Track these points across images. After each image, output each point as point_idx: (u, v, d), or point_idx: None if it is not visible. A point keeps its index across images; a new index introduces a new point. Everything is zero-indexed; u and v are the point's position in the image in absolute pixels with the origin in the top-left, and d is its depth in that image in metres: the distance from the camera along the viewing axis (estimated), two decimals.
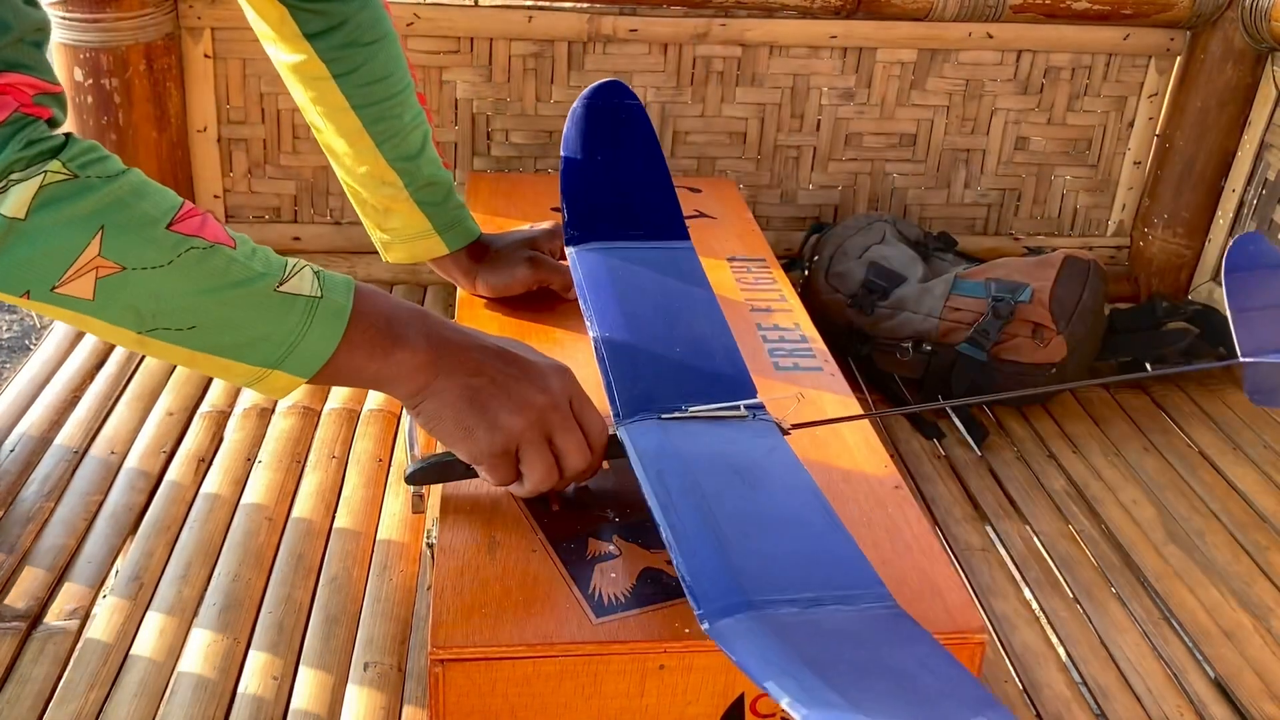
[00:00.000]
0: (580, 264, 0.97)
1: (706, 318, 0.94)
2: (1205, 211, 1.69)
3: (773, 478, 0.79)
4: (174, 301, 0.66)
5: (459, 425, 0.76)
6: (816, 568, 0.70)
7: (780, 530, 0.74)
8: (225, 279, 0.67)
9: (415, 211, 1.06)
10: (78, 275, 0.63)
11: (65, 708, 0.87)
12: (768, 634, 0.63)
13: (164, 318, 0.66)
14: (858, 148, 1.67)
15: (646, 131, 1.02)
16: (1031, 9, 1.56)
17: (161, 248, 0.65)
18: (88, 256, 0.63)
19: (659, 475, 0.75)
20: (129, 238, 0.64)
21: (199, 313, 0.67)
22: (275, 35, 1.01)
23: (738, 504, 0.75)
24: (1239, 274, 1.02)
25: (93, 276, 0.63)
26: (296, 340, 0.70)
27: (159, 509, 1.10)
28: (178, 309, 0.66)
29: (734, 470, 0.78)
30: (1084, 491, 1.25)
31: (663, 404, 0.83)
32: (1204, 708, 0.95)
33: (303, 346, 0.70)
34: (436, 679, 0.67)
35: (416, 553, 1.06)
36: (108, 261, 0.63)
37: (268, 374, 0.71)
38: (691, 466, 0.77)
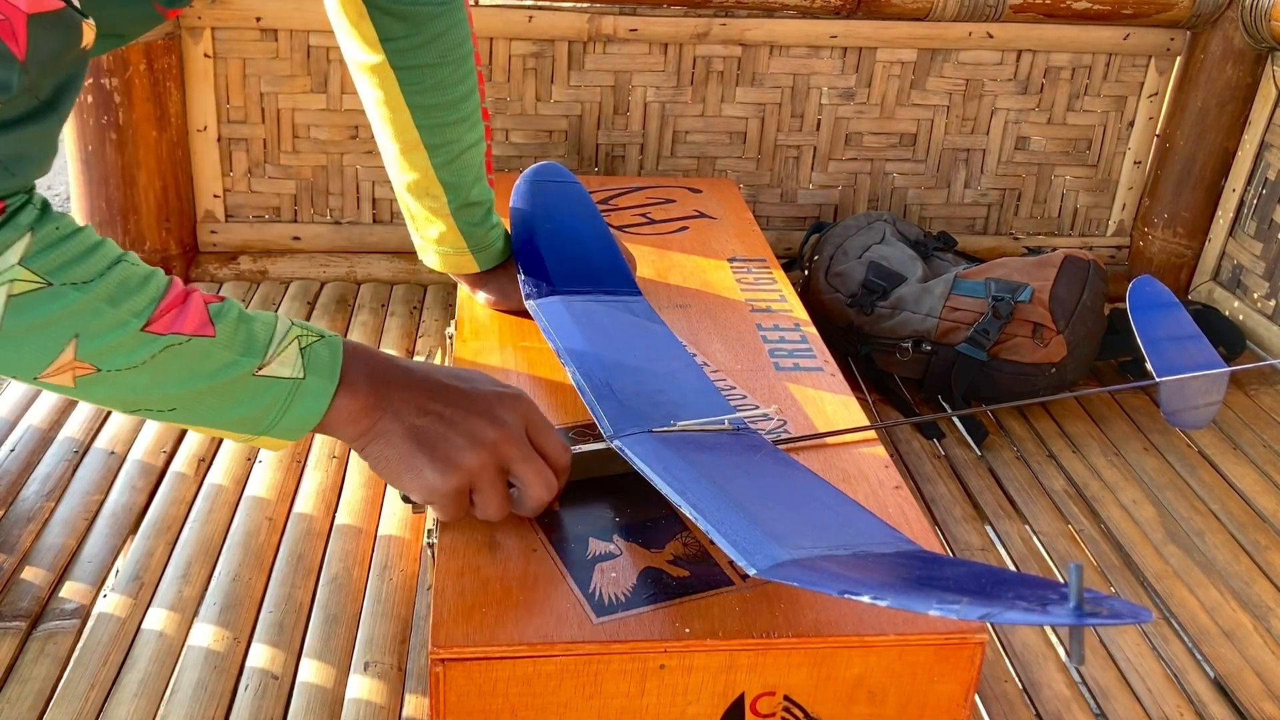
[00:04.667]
0: (543, 312, 1.01)
1: (671, 350, 0.98)
2: (1205, 211, 1.69)
3: (776, 469, 0.80)
4: (151, 393, 0.68)
5: (407, 468, 0.74)
6: (843, 530, 0.72)
7: (798, 505, 0.75)
8: (200, 371, 0.68)
9: (454, 228, 1.06)
10: (57, 373, 0.65)
11: (65, 708, 0.87)
12: (820, 568, 0.64)
13: (145, 404, 0.68)
14: (858, 147, 1.67)
15: (586, 202, 1.11)
16: (1031, 9, 1.56)
17: (136, 351, 0.66)
18: (63, 360, 0.64)
19: (666, 469, 0.76)
20: (102, 344, 0.65)
21: (177, 400, 0.69)
22: (354, 31, 1.00)
23: (750, 487, 0.75)
24: (1143, 312, 1.15)
25: (71, 374, 0.65)
26: (277, 418, 0.72)
27: (159, 509, 1.10)
28: (156, 399, 0.68)
29: (737, 466, 0.79)
30: (1084, 491, 1.25)
31: (652, 422, 0.84)
32: (1204, 708, 0.95)
33: (285, 421, 0.72)
34: (437, 679, 0.68)
35: (417, 553, 1.06)
36: (83, 364, 0.65)
37: (256, 438, 0.73)
38: (696, 462, 0.78)
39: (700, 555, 0.76)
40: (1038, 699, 0.95)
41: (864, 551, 0.69)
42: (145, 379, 0.67)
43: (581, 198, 1.11)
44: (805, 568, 0.64)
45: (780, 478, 0.79)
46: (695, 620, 0.70)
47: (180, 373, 0.68)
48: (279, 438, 0.73)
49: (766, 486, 0.77)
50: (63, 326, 0.63)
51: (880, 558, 0.69)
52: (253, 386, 0.70)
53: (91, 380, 0.66)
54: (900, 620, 0.71)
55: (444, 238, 1.07)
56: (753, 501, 0.74)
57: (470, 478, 0.75)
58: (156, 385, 0.67)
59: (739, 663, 0.69)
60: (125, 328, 0.65)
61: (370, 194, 1.62)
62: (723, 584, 0.73)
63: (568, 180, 1.12)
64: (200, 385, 0.68)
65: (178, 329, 0.67)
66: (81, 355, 0.64)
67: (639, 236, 1.27)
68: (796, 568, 0.65)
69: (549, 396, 0.93)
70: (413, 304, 1.55)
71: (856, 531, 0.73)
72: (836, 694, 0.71)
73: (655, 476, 0.75)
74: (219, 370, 0.69)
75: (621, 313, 1.01)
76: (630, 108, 1.61)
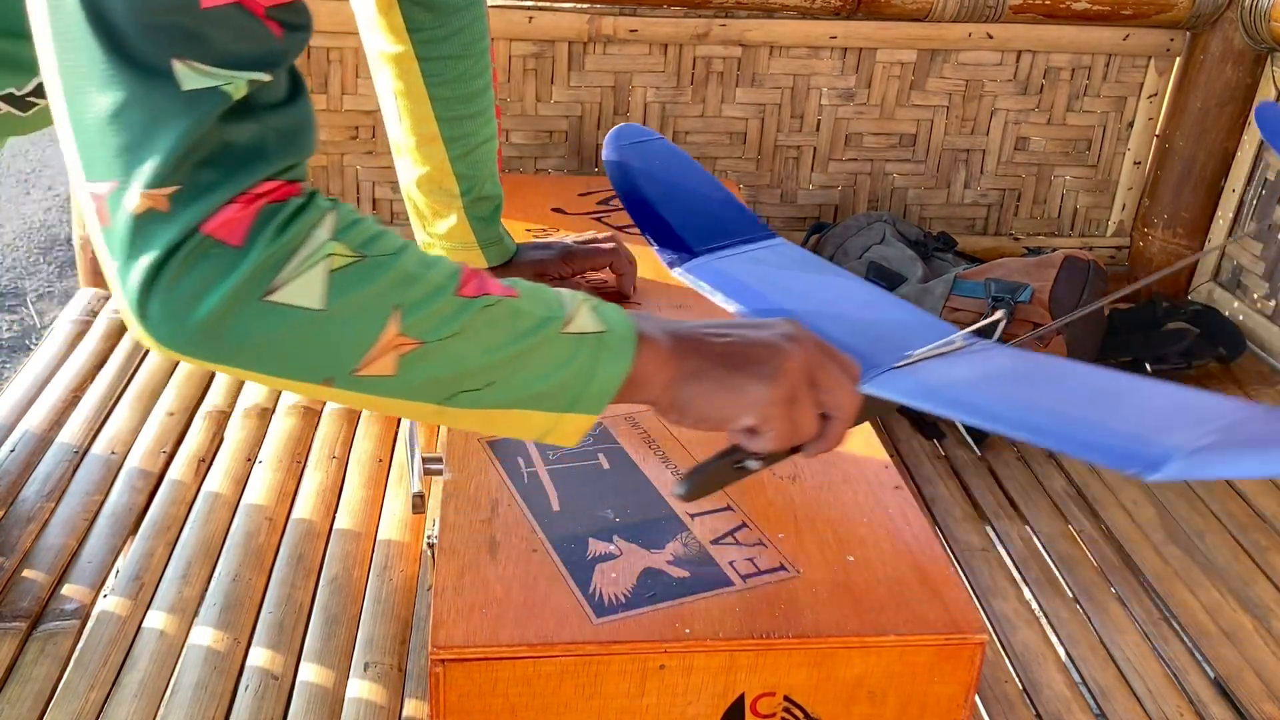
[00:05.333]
0: (700, 278, 0.93)
1: (853, 284, 0.91)
2: (1205, 211, 1.69)
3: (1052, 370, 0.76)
4: (472, 363, 0.65)
5: (730, 390, 0.70)
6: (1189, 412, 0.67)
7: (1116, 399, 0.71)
8: (515, 331, 0.66)
9: (464, 222, 1.07)
10: (380, 355, 0.62)
11: (65, 708, 0.87)
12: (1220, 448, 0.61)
13: (463, 381, 0.65)
14: (858, 148, 1.67)
15: (679, 155, 1.04)
16: (1031, 9, 1.56)
17: (454, 316, 0.64)
18: (388, 336, 0.61)
19: (954, 403, 0.71)
20: (424, 313, 0.62)
21: (495, 370, 0.66)
22: (380, 21, 1.00)
23: (1052, 396, 0.71)
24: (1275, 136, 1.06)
25: (395, 355, 0.62)
26: (587, 380, 0.68)
27: (159, 509, 1.10)
28: (476, 370, 0.65)
29: (1012, 379, 0.74)
30: (1084, 491, 1.25)
31: (887, 359, 0.78)
32: (1204, 708, 0.95)
33: (592, 387, 0.68)
34: (437, 679, 0.68)
35: (417, 553, 1.06)
36: (407, 339, 0.62)
37: (561, 419, 0.69)
38: (975, 387, 0.73)
39: (700, 555, 0.76)
40: (1038, 699, 0.95)
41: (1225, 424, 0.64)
42: (467, 346, 0.64)
43: (672, 152, 1.04)
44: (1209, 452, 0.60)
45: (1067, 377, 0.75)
46: (695, 620, 0.70)
47: (497, 335, 0.65)
48: (585, 409, 0.69)
49: (1067, 388, 0.73)
50: (384, 299, 0.61)
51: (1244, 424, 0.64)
52: (562, 345, 0.67)
53: (416, 357, 0.62)
54: (900, 621, 0.71)
55: (453, 233, 1.07)
56: (1074, 404, 0.69)
57: (792, 381, 0.71)
58: (478, 352, 0.64)
59: (739, 663, 0.69)
60: (442, 292, 0.63)
61: (370, 194, 1.62)
62: (723, 584, 0.73)
63: (652, 138, 1.06)
64: (516, 348, 0.66)
65: (487, 291, 0.66)
66: (405, 329, 0.62)
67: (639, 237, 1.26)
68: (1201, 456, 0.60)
69: None
70: None
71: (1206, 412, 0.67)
72: (837, 694, 0.71)
73: (949, 412, 0.71)
74: (532, 328, 0.66)
75: (779, 259, 0.94)
76: (630, 108, 1.61)
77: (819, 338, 0.74)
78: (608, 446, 0.87)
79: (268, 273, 0.58)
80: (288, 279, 0.58)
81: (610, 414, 0.91)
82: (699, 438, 0.88)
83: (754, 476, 0.84)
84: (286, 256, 0.58)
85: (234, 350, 0.59)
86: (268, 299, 0.58)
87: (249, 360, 0.60)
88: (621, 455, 0.86)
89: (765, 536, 0.78)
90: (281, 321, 0.58)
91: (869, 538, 0.79)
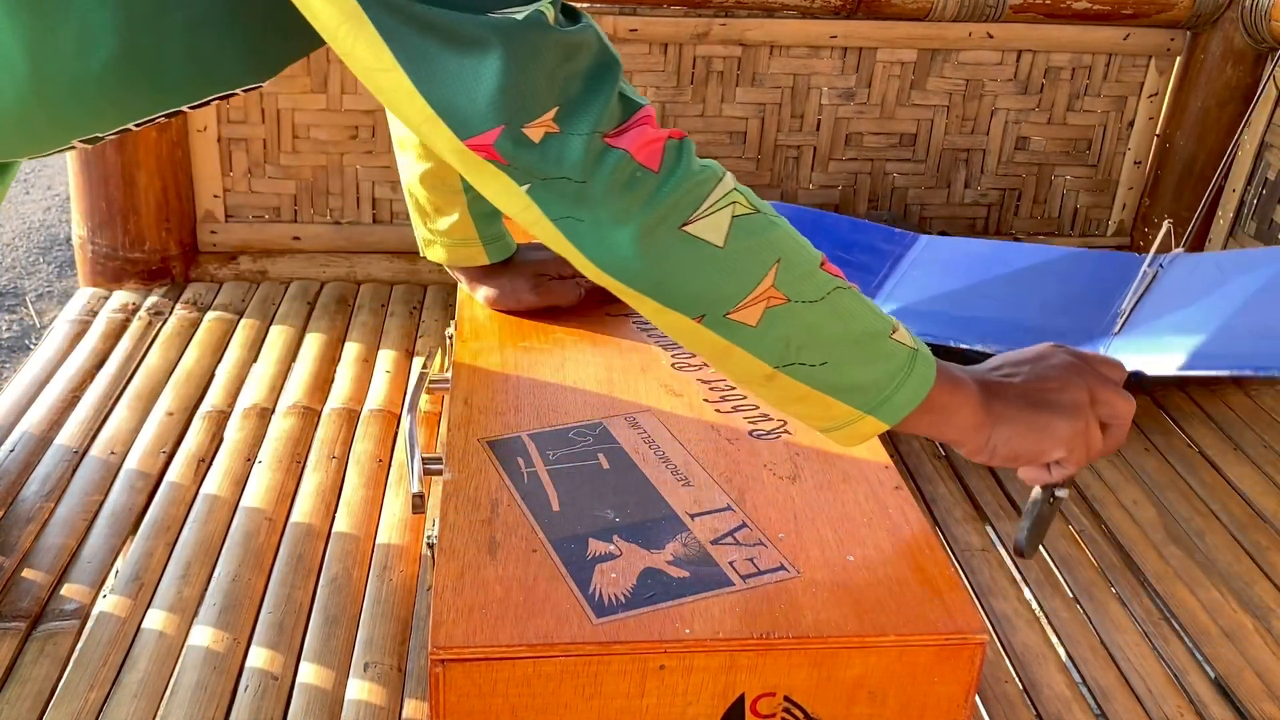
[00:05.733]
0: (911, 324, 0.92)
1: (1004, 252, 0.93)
2: (1205, 211, 1.69)
3: None
4: (819, 336, 0.71)
5: (1042, 432, 0.77)
6: None
7: None
8: (858, 321, 0.72)
9: (466, 218, 1.07)
10: (752, 303, 0.68)
11: (65, 708, 0.87)
12: None
13: (805, 352, 0.71)
14: (858, 147, 1.67)
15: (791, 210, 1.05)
16: (1031, 9, 1.56)
17: (819, 285, 0.70)
18: (764, 286, 0.68)
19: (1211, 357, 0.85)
20: (797, 273, 0.69)
21: (834, 349, 0.71)
22: None
23: None
24: None
25: (763, 306, 0.68)
26: (896, 388, 0.73)
27: (159, 509, 1.10)
28: (819, 344, 0.71)
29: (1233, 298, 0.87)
30: (1084, 491, 1.25)
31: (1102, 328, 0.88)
32: (1204, 708, 0.95)
33: (898, 395, 0.74)
34: (437, 679, 0.67)
35: (416, 553, 1.06)
36: (778, 293, 0.69)
37: (859, 419, 0.74)
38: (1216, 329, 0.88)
39: (700, 555, 0.76)
40: (1038, 699, 0.95)
41: None
42: (821, 316, 0.70)
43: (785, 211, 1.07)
44: None
45: None
46: (695, 620, 0.70)
47: (844, 316, 0.71)
48: (884, 416, 0.74)
49: None
50: (771, 250, 0.68)
51: None
52: (886, 348, 0.73)
53: (778, 313, 0.69)
54: (900, 621, 0.71)
55: (454, 228, 1.07)
56: None
57: (1085, 409, 0.77)
58: (827, 324, 0.70)
59: (739, 663, 0.69)
60: (812, 260, 0.70)
61: (370, 194, 1.62)
62: (723, 584, 0.73)
63: None
64: (855, 332, 0.72)
65: (840, 276, 0.72)
66: (779, 283, 0.68)
67: None
68: None
69: (551, 397, 0.93)
70: (413, 304, 1.55)
71: None
72: (837, 694, 0.71)
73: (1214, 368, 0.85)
74: (869, 322, 0.72)
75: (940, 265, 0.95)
76: None
77: (1084, 354, 0.80)
78: (608, 446, 0.87)
79: (688, 206, 0.66)
80: (703, 215, 0.66)
81: (610, 414, 0.91)
82: (699, 438, 0.88)
83: (753, 476, 0.84)
84: (704, 194, 0.67)
85: (646, 269, 0.67)
86: (684, 229, 0.66)
87: (651, 283, 0.68)
88: (621, 455, 0.86)
89: (765, 536, 0.78)
90: (690, 251, 0.66)
91: (869, 538, 0.79)
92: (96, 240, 1.52)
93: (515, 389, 0.94)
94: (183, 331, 1.44)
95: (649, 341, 1.02)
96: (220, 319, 1.47)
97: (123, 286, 1.54)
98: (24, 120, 0.75)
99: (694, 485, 0.83)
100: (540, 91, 0.63)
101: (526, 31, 0.62)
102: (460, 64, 0.62)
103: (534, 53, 0.62)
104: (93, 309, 1.48)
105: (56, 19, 0.69)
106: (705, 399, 0.93)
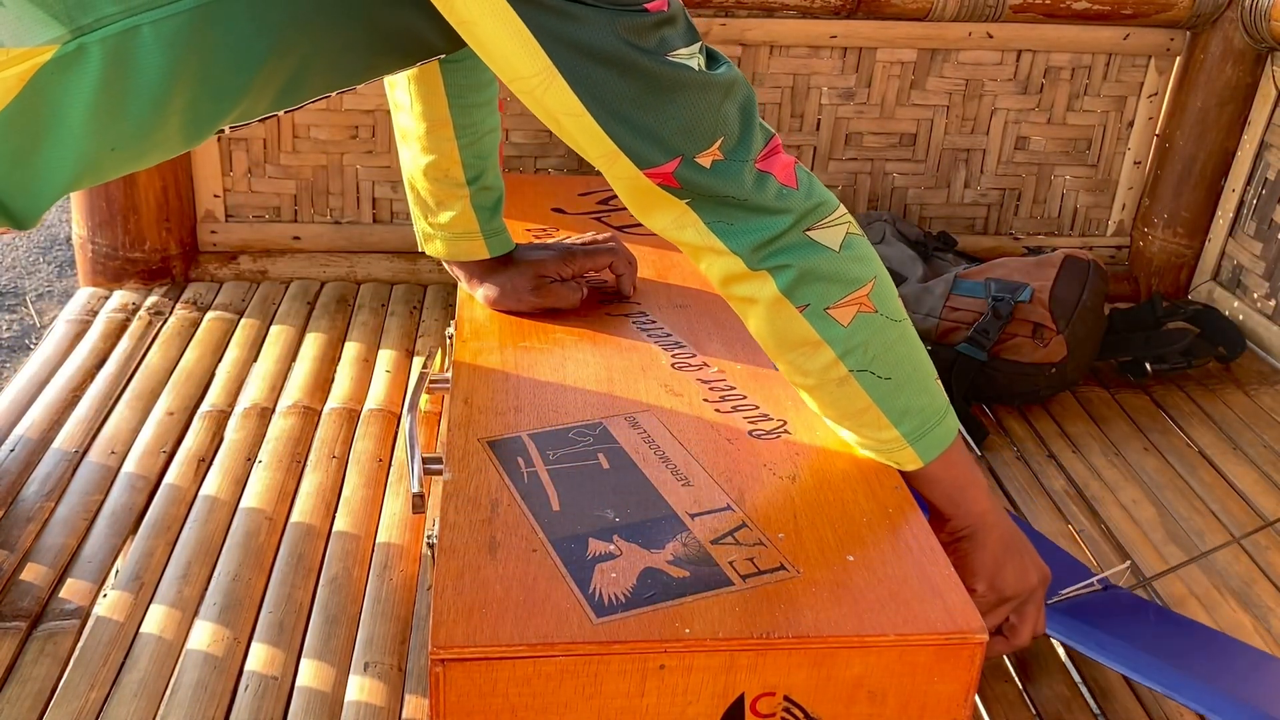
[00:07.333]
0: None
1: None
2: (1205, 211, 1.69)
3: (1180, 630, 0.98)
4: (892, 353, 0.82)
5: (994, 561, 0.86)
6: None
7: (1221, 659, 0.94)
8: (920, 353, 0.84)
9: (468, 211, 1.07)
10: (847, 304, 0.80)
11: (65, 708, 0.87)
12: None
13: (879, 363, 0.82)
14: (858, 147, 1.67)
15: None
16: (1031, 9, 1.56)
17: (900, 309, 0.83)
18: (861, 292, 0.81)
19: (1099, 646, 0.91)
20: (887, 292, 0.82)
21: (901, 368, 0.82)
22: None
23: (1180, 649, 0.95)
24: None
25: (855, 309, 0.81)
26: (936, 423, 0.84)
27: (159, 509, 1.10)
28: (891, 360, 0.82)
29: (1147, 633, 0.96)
30: (1084, 491, 1.25)
31: None
32: None
33: (938, 431, 0.84)
34: (437, 679, 0.67)
35: (416, 553, 1.06)
36: (870, 302, 0.81)
37: (902, 449, 0.84)
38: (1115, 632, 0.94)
39: (700, 555, 0.76)
40: (1038, 699, 0.95)
41: None
42: (896, 336, 0.82)
43: None
44: None
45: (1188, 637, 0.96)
46: (695, 620, 0.70)
47: (913, 343, 0.84)
48: (924, 449, 0.84)
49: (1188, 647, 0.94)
50: (872, 265, 0.82)
51: None
52: (935, 386, 0.85)
53: (866, 320, 0.81)
54: (900, 620, 0.71)
55: (455, 222, 1.07)
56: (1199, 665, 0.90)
57: (1024, 597, 0.87)
58: (900, 344, 0.82)
59: (739, 663, 0.69)
60: (895, 289, 0.84)
61: (370, 194, 1.62)
62: (723, 584, 0.73)
63: None
64: (918, 360, 0.84)
65: None
66: (873, 295, 0.81)
67: (639, 237, 1.26)
68: None
69: (551, 397, 0.93)
70: (413, 304, 1.55)
71: None
72: (837, 694, 0.71)
73: (1105, 660, 0.91)
74: (925, 358, 0.85)
75: None
76: None
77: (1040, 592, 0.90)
78: (608, 446, 0.87)
79: (814, 215, 0.80)
80: (824, 225, 0.80)
81: (610, 414, 0.91)
82: (699, 438, 0.88)
83: (753, 476, 0.84)
84: (828, 210, 0.81)
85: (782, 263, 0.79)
86: (809, 233, 0.80)
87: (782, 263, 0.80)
88: (621, 455, 0.86)
89: (765, 536, 0.78)
90: (812, 250, 0.79)
91: (869, 538, 0.79)
92: (97, 240, 1.52)
93: (515, 389, 0.94)
94: (183, 331, 1.44)
95: (649, 341, 1.02)
96: (220, 319, 1.47)
97: (123, 286, 1.54)
98: None
99: (694, 485, 0.83)
100: (709, 127, 0.75)
101: (699, 78, 0.74)
102: (644, 109, 0.74)
103: (704, 95, 0.75)
104: (93, 309, 1.48)
105: None
106: (705, 399, 0.93)
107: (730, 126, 0.77)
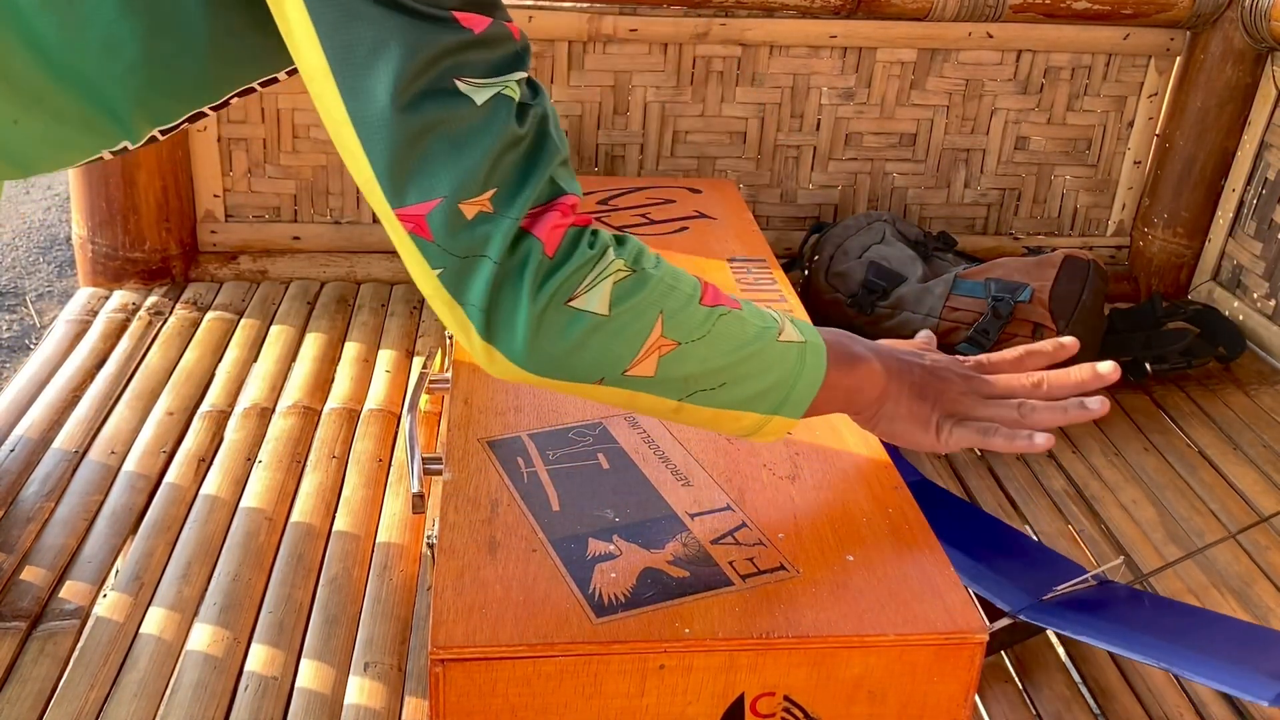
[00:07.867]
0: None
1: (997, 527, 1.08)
2: (1205, 211, 1.69)
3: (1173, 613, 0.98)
4: (713, 364, 0.74)
5: (915, 419, 0.83)
6: None
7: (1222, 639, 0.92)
8: (744, 338, 0.75)
9: None
10: (645, 356, 0.71)
11: (65, 708, 0.87)
12: None
13: (703, 380, 0.74)
14: (858, 147, 1.67)
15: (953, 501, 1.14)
16: (1031, 9, 1.56)
17: (702, 320, 0.73)
18: (654, 338, 0.71)
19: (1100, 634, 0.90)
20: (681, 317, 0.72)
21: (728, 371, 0.75)
22: None
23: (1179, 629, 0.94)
24: None
25: (656, 356, 0.72)
26: (794, 383, 0.77)
27: (159, 509, 1.10)
28: (713, 371, 0.74)
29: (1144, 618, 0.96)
30: (1084, 491, 1.25)
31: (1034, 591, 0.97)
32: (1204, 708, 0.95)
33: (798, 389, 0.78)
34: (437, 679, 0.68)
35: (416, 553, 1.06)
36: (668, 340, 0.72)
37: (768, 421, 0.78)
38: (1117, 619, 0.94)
39: (700, 555, 0.76)
40: (1038, 699, 0.95)
41: None
42: (711, 349, 0.74)
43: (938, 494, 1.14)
44: None
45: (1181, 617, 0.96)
46: (695, 620, 0.70)
47: (730, 340, 0.75)
48: (790, 412, 0.78)
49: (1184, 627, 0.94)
50: (653, 306, 0.71)
51: None
52: (776, 352, 0.77)
53: (672, 358, 0.72)
54: (900, 620, 0.71)
55: None
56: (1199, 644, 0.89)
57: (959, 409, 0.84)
58: (715, 354, 0.74)
59: (739, 663, 0.69)
60: (692, 300, 0.73)
61: None
62: (722, 584, 0.73)
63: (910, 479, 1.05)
64: (743, 352, 0.75)
65: (721, 302, 0.75)
66: (666, 331, 0.72)
67: (639, 237, 1.27)
68: None
69: (551, 397, 0.93)
70: (413, 304, 1.55)
71: None
72: (836, 694, 0.71)
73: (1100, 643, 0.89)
74: (755, 336, 0.76)
75: None
76: (630, 108, 1.61)
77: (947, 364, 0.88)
78: (607, 446, 0.87)
79: (574, 283, 0.68)
80: (586, 289, 0.68)
81: (610, 414, 0.91)
82: (699, 438, 0.88)
83: (753, 476, 0.84)
84: (588, 273, 0.68)
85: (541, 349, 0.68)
86: (570, 304, 0.68)
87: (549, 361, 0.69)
88: (621, 455, 0.86)
89: (765, 536, 0.78)
90: (578, 324, 0.68)
91: (869, 538, 0.79)
92: (96, 240, 1.52)
93: (515, 389, 0.94)
94: (183, 331, 1.44)
95: None
96: (220, 319, 1.47)
97: (123, 286, 1.54)
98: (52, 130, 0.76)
99: (694, 485, 0.83)
100: (483, 174, 0.65)
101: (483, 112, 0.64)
102: None
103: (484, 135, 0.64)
104: (93, 309, 1.48)
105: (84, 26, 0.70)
106: None
107: (507, 177, 0.66)
